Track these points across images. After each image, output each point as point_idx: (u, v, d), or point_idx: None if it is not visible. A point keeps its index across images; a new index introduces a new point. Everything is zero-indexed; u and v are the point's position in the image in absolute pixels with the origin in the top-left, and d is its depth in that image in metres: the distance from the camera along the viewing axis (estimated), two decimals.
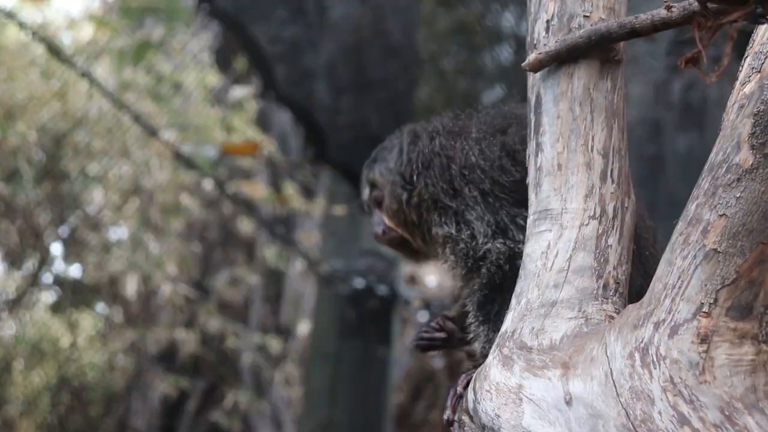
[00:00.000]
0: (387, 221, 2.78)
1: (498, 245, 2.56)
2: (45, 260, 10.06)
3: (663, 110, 8.32)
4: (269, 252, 11.33)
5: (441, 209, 2.68)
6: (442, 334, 2.84)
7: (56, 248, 10.25)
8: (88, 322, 10.81)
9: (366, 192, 2.84)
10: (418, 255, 2.89)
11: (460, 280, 2.71)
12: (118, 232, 10.71)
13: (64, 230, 10.14)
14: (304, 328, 11.44)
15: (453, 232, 2.64)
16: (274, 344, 11.46)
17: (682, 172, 7.66)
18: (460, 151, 2.69)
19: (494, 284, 2.55)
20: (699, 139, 7.70)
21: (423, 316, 9.51)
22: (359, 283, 8.57)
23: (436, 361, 11.42)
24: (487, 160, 2.63)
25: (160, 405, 11.25)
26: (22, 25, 6.95)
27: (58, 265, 10.47)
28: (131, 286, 10.19)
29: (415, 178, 2.70)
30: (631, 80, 8.23)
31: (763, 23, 1.72)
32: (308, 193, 11.67)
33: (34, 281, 9.95)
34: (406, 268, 9.79)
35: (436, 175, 2.68)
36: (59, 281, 10.54)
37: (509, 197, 2.59)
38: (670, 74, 8.04)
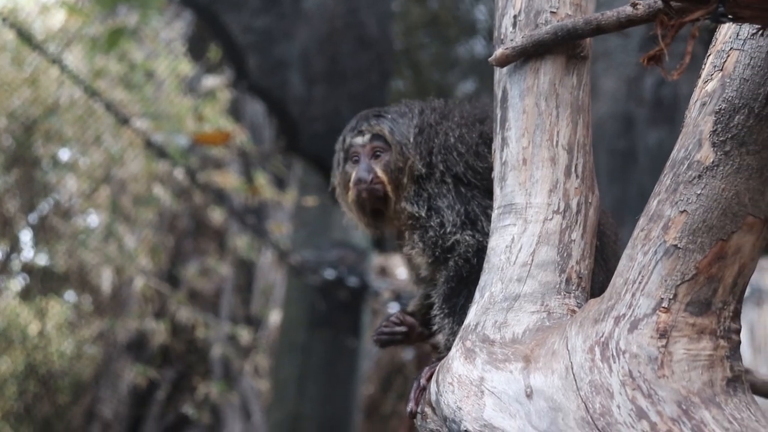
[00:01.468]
0: (380, 173, 2.74)
1: (467, 237, 2.57)
2: (14, 247, 10.01)
3: (634, 105, 8.36)
4: (240, 242, 11.31)
5: (420, 186, 2.69)
6: (402, 329, 2.83)
7: (26, 235, 10.19)
8: (56, 310, 10.76)
9: (363, 139, 2.78)
10: (381, 221, 2.84)
11: (426, 268, 2.71)
12: (89, 220, 10.65)
13: (33, 217, 10.09)
14: (274, 318, 11.43)
15: (422, 214, 2.65)
16: (244, 335, 11.45)
17: (653, 166, 7.70)
18: (443, 129, 2.71)
19: (461, 277, 2.56)
20: (670, 134, 7.74)
21: (393, 308, 9.54)
22: (330, 274, 8.57)
23: (406, 352, 11.45)
24: (464, 144, 2.65)
25: (129, 394, 11.22)
26: None
27: (27, 253, 10.41)
28: (105, 279, 10.14)
29: (421, 148, 2.72)
30: (603, 75, 8.27)
31: (724, 22, 1.74)
32: (280, 183, 11.66)
33: (2, 268, 9.90)
34: (377, 259, 9.81)
35: (421, 144, 2.72)
36: (28, 268, 10.48)
37: (481, 185, 2.60)
38: (642, 70, 8.08)
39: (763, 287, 8.12)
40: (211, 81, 10.79)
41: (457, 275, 2.57)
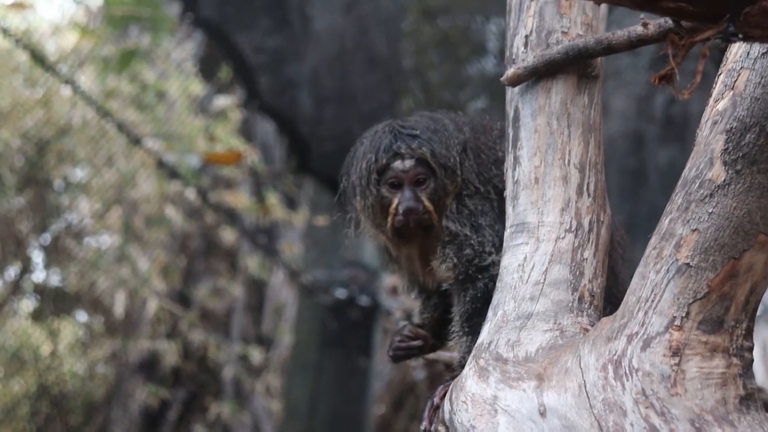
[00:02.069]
0: (426, 203, 2.63)
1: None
2: (26, 268, 10.04)
3: (645, 124, 8.37)
4: (251, 262, 11.32)
5: (461, 202, 2.63)
6: (417, 342, 2.82)
7: (38, 256, 10.22)
8: (68, 330, 10.78)
9: (406, 164, 2.64)
10: (417, 243, 2.73)
11: (451, 284, 2.65)
12: (100, 241, 10.68)
13: (45, 238, 10.12)
14: (285, 338, 11.43)
15: (467, 233, 2.60)
16: (256, 354, 11.45)
17: (663, 185, 7.71)
18: (485, 143, 2.66)
19: (488, 298, 2.48)
20: (681, 152, 7.75)
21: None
22: (341, 293, 8.58)
23: (418, 372, 11.43)
24: None
25: (141, 415, 11.21)
26: (5, 32, 6.95)
27: (39, 273, 10.44)
28: (118, 301, 10.15)
29: (465, 163, 2.65)
30: (613, 94, 8.29)
31: (735, 41, 1.75)
32: (291, 203, 11.67)
33: (15, 289, 9.92)
34: (388, 278, 9.80)
35: (471, 158, 2.64)
36: (40, 289, 10.50)
37: None
38: (653, 88, 8.09)
39: None
40: (222, 101, 10.83)
41: (484, 296, 2.53)
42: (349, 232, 2.85)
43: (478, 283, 2.58)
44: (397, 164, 2.65)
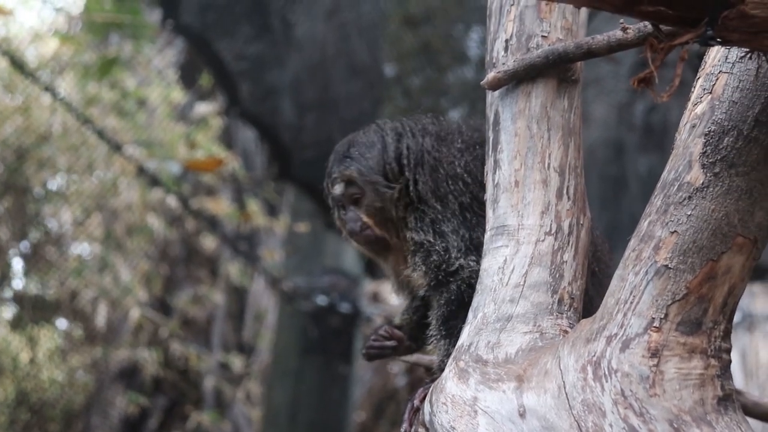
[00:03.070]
0: (365, 218, 2.73)
1: (471, 262, 2.57)
2: (5, 275, 9.99)
3: (625, 131, 8.41)
4: (232, 269, 11.31)
5: (420, 212, 2.67)
6: (391, 343, 2.83)
7: (17, 263, 10.17)
8: (48, 337, 10.72)
9: (338, 188, 2.75)
10: (385, 252, 2.82)
11: (426, 290, 2.69)
12: (80, 249, 10.64)
13: (25, 246, 10.08)
14: (266, 345, 11.41)
15: (430, 239, 2.63)
16: (237, 362, 11.43)
17: (644, 192, 7.73)
18: (446, 156, 2.68)
19: (462, 301, 2.55)
20: (660, 160, 7.76)
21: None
22: (322, 300, 8.58)
23: (399, 379, 11.43)
24: (470, 174, 2.63)
25: (120, 423, 11.16)
26: None
27: (19, 281, 10.38)
28: (100, 312, 10.11)
29: (405, 173, 2.69)
30: (594, 101, 8.32)
31: (713, 45, 1.77)
32: (272, 210, 11.67)
33: None
34: (369, 285, 9.81)
35: (426, 173, 2.67)
36: (19, 297, 10.45)
37: (484, 215, 2.59)
38: (633, 96, 8.13)
39: (754, 312, 8.14)
40: (203, 108, 10.83)
41: (458, 299, 2.57)
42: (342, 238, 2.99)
43: (451, 286, 2.60)
44: (335, 189, 2.77)
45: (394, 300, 10.35)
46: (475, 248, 2.57)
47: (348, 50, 8.42)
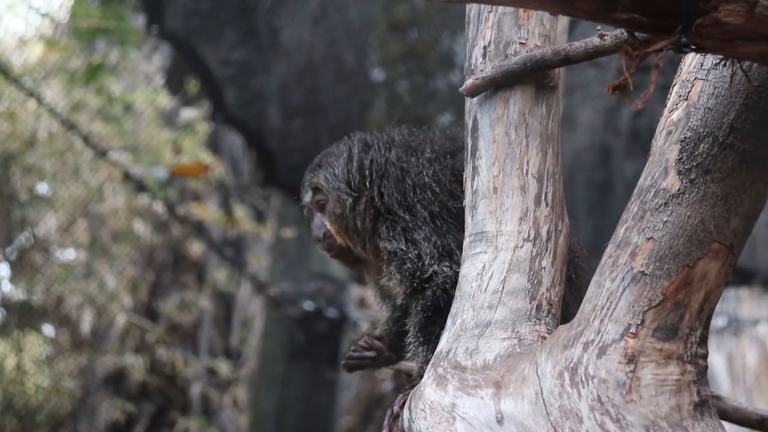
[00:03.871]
0: (328, 226, 2.78)
1: (444, 268, 2.58)
2: None
3: (611, 137, 8.42)
4: (219, 274, 11.29)
5: (390, 221, 2.69)
6: (371, 353, 2.86)
7: (2, 269, 10.13)
8: (34, 344, 10.68)
9: (308, 196, 2.84)
10: (357, 263, 2.88)
11: (403, 298, 2.72)
12: (66, 254, 10.61)
13: (11, 251, 10.04)
14: (253, 350, 11.39)
15: (402, 247, 2.65)
16: (224, 368, 11.41)
17: (630, 197, 7.74)
18: (414, 167, 2.70)
19: (438, 307, 2.56)
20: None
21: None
22: (308, 305, 8.56)
23: (386, 384, 11.43)
24: (439, 184, 2.65)
25: (107, 429, 11.13)
26: None
27: (4, 287, 10.34)
28: (86, 318, 10.08)
29: (367, 184, 2.72)
30: (579, 107, 8.33)
31: (687, 52, 1.78)
32: (258, 215, 11.66)
33: None
34: (356, 290, 9.81)
35: (391, 185, 2.70)
36: (5, 303, 10.41)
37: (456, 222, 2.60)
38: (619, 102, 8.14)
39: (740, 317, 8.16)
40: (189, 114, 10.81)
41: (434, 305, 2.59)
42: None
43: (427, 293, 2.61)
44: (305, 197, 2.87)
45: None
46: (448, 254, 2.59)
47: (334, 55, 8.42)
